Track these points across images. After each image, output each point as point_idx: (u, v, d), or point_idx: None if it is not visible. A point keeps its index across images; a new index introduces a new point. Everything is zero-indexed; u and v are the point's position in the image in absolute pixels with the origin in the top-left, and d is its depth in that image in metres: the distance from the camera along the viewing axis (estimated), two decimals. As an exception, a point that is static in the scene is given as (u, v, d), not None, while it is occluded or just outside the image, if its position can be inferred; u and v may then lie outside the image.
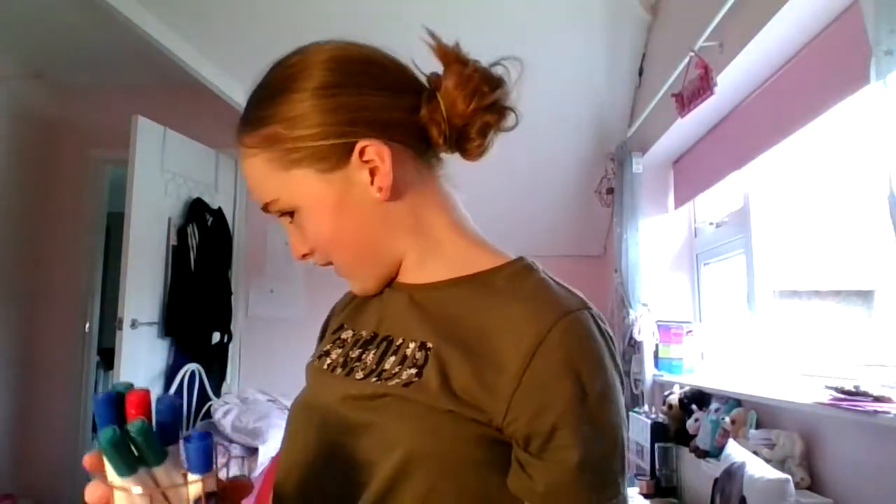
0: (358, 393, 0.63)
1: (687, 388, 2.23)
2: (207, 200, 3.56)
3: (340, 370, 0.68)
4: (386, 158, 0.62)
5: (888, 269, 1.85)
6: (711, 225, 2.62)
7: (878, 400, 1.35)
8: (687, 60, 2.04)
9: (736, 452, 1.65)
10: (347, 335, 0.72)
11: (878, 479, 1.39)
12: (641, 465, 2.27)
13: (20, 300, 3.66)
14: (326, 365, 0.70)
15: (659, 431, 2.20)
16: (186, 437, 0.47)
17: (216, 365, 3.54)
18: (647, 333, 2.64)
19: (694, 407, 2.08)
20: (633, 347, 2.74)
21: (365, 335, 0.70)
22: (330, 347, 0.73)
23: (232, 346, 3.65)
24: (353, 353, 0.69)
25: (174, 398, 0.50)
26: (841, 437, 1.52)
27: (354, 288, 0.73)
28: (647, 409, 2.43)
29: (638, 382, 2.71)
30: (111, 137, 3.58)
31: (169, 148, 3.29)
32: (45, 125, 3.80)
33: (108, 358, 3.50)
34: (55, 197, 3.81)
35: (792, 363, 2.03)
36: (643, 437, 2.27)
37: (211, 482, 0.47)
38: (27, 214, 3.70)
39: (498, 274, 0.65)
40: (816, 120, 1.72)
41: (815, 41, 1.71)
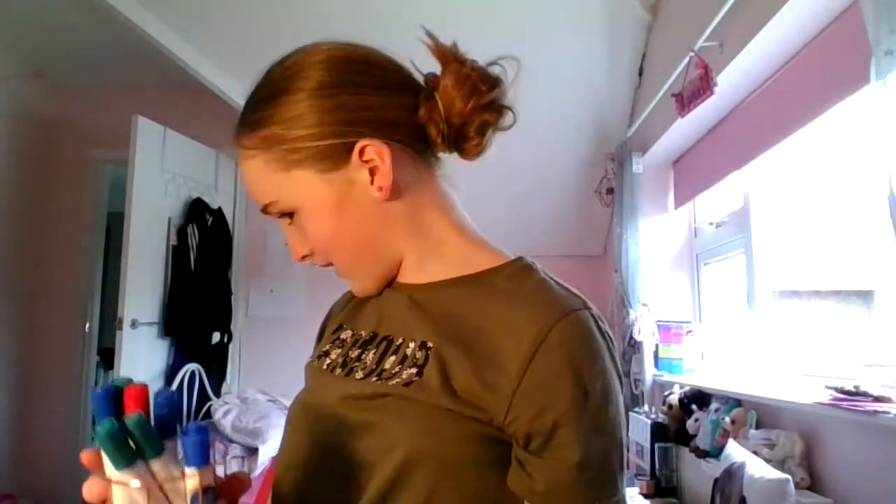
0: (358, 393, 0.63)
1: (687, 388, 2.22)
2: (207, 200, 3.56)
3: (340, 370, 0.68)
4: (386, 158, 0.62)
5: (888, 269, 1.84)
6: (711, 225, 2.62)
7: (878, 400, 1.35)
8: (687, 60, 2.04)
9: (736, 452, 1.65)
10: (346, 335, 0.72)
11: (878, 479, 1.39)
12: (641, 465, 2.27)
13: (20, 300, 3.66)
14: (326, 365, 0.70)
15: (659, 431, 2.20)
16: (183, 430, 0.47)
17: (216, 365, 3.54)
18: (647, 333, 2.63)
19: (694, 407, 2.08)
20: (633, 347, 2.74)
21: (364, 335, 0.70)
22: (329, 347, 0.73)
23: (232, 346, 3.66)
24: (352, 353, 0.69)
25: (172, 392, 0.50)
26: (841, 437, 1.52)
27: (354, 288, 0.73)
28: (647, 409, 2.43)
29: (638, 382, 2.71)
30: (111, 137, 3.58)
31: (169, 148, 3.29)
32: (45, 125, 3.80)
33: (108, 358, 3.50)
34: (55, 197, 3.81)
35: (792, 363, 2.03)
36: (643, 437, 2.27)
37: (208, 476, 0.47)
38: (27, 214, 3.70)
39: (498, 274, 0.65)
40: (816, 120, 1.72)
41: (815, 41, 1.71)
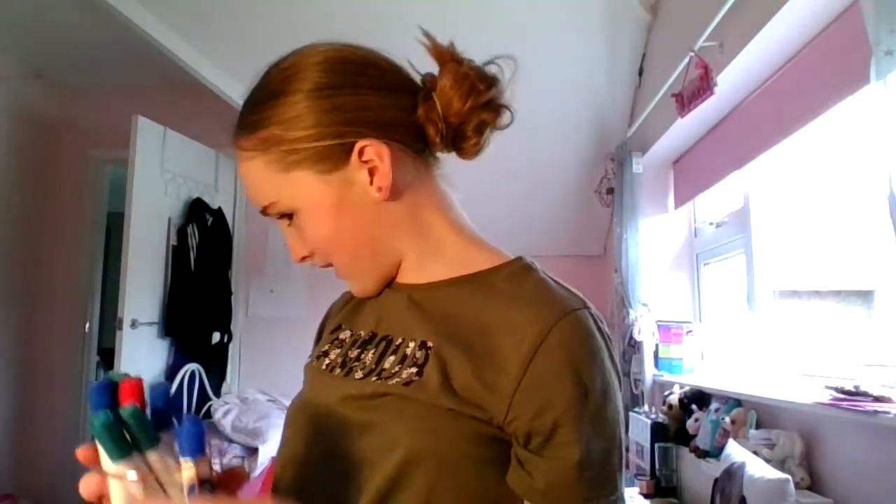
0: (358, 392, 0.63)
1: (687, 388, 2.23)
2: (207, 200, 3.56)
3: (339, 370, 0.68)
4: (385, 158, 0.62)
5: (888, 269, 1.85)
6: (711, 225, 2.62)
7: (878, 400, 1.35)
8: (687, 60, 2.04)
9: (736, 452, 1.65)
10: (345, 335, 0.72)
11: (878, 479, 1.39)
12: (641, 465, 2.27)
13: (20, 300, 3.66)
14: (325, 365, 0.70)
15: (659, 431, 2.20)
16: (178, 421, 0.47)
17: (216, 365, 3.54)
18: (647, 333, 2.64)
19: (694, 407, 2.08)
20: (633, 347, 2.74)
21: (363, 335, 0.70)
22: (328, 348, 0.73)
23: (232, 346, 3.66)
24: (351, 353, 0.69)
25: (167, 385, 0.50)
26: (841, 437, 1.52)
27: (354, 289, 0.73)
28: (647, 409, 2.43)
29: (638, 382, 2.71)
30: (111, 137, 3.58)
31: (169, 148, 3.29)
32: (45, 125, 3.80)
33: (108, 358, 3.50)
34: (55, 197, 3.81)
35: (792, 363, 2.03)
36: (643, 437, 2.27)
37: (204, 467, 0.47)
38: (27, 214, 3.70)
39: (497, 273, 0.65)
40: (816, 120, 1.72)
41: (815, 41, 1.71)
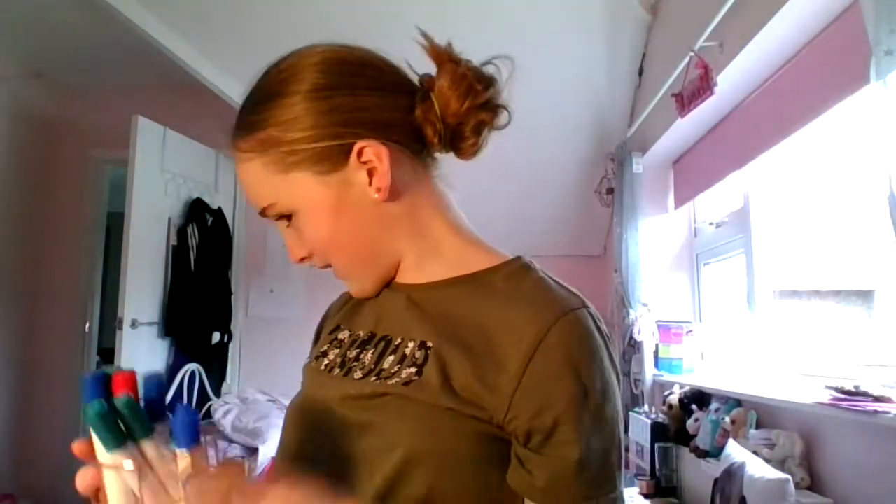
0: (357, 392, 0.63)
1: (687, 388, 2.22)
2: (207, 200, 3.56)
3: (338, 370, 0.68)
4: (384, 158, 0.63)
5: (888, 269, 1.84)
6: (711, 225, 2.62)
7: (878, 400, 1.35)
8: (687, 60, 2.04)
9: (736, 452, 1.65)
10: (344, 336, 0.72)
11: (878, 479, 1.39)
12: (641, 465, 2.27)
13: (20, 300, 3.66)
14: (324, 366, 0.70)
15: (659, 431, 2.20)
16: (172, 411, 0.47)
17: (216, 365, 3.54)
18: (647, 333, 2.63)
19: (694, 407, 2.08)
20: (633, 347, 2.74)
21: (362, 335, 0.70)
22: (327, 348, 0.73)
23: (232, 346, 3.65)
24: (350, 353, 0.69)
25: (160, 376, 0.50)
26: (841, 437, 1.52)
27: (352, 290, 0.73)
28: (647, 409, 2.43)
29: (638, 382, 2.71)
30: (111, 137, 3.57)
31: (169, 148, 3.29)
32: (45, 125, 3.80)
33: (108, 358, 3.50)
34: (55, 197, 3.81)
35: (792, 363, 2.03)
36: (643, 437, 2.27)
37: (200, 457, 0.47)
38: (27, 214, 3.70)
39: (496, 273, 0.65)
40: (816, 120, 1.72)
41: (815, 41, 1.71)
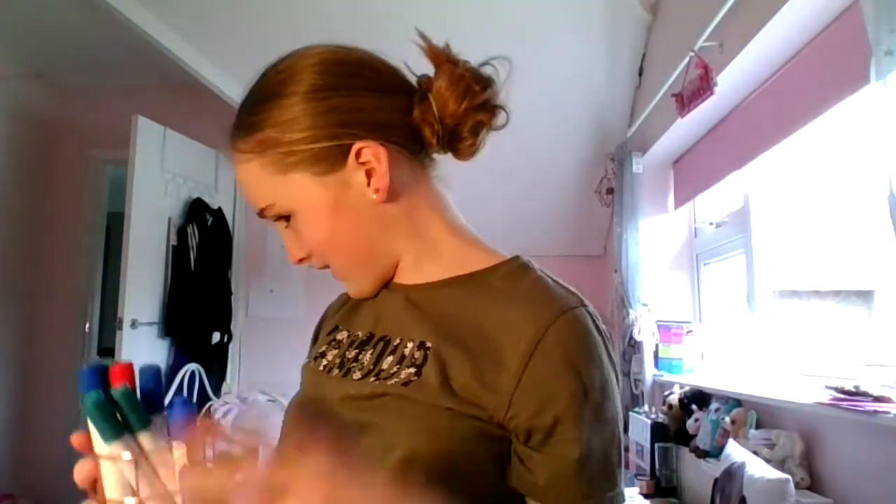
0: (356, 393, 0.63)
1: (687, 388, 2.22)
2: (207, 200, 3.56)
3: (337, 371, 0.68)
4: (382, 159, 0.63)
5: (888, 269, 1.84)
6: (711, 225, 2.62)
7: (878, 400, 1.35)
8: (687, 60, 2.04)
9: (736, 452, 1.65)
10: (342, 336, 0.72)
11: (878, 479, 1.39)
12: (641, 465, 2.27)
13: (20, 300, 3.66)
14: (322, 366, 0.70)
15: (659, 431, 2.20)
16: (169, 404, 0.47)
17: (216, 365, 3.53)
18: (647, 333, 2.63)
19: (694, 407, 2.08)
20: (633, 347, 2.74)
21: (361, 336, 0.70)
22: (325, 349, 0.73)
23: (232, 346, 3.65)
24: (349, 353, 0.69)
25: (157, 367, 0.50)
26: (841, 437, 1.52)
27: (351, 290, 0.73)
28: (647, 409, 2.43)
29: (638, 382, 2.71)
30: (111, 137, 3.57)
31: (169, 148, 3.29)
32: (45, 125, 3.80)
33: (108, 358, 3.50)
34: (55, 197, 3.81)
35: (792, 363, 2.03)
36: (643, 437, 2.27)
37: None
38: (27, 214, 3.70)
39: (494, 273, 0.65)
40: (816, 120, 1.72)
41: (815, 41, 1.71)
